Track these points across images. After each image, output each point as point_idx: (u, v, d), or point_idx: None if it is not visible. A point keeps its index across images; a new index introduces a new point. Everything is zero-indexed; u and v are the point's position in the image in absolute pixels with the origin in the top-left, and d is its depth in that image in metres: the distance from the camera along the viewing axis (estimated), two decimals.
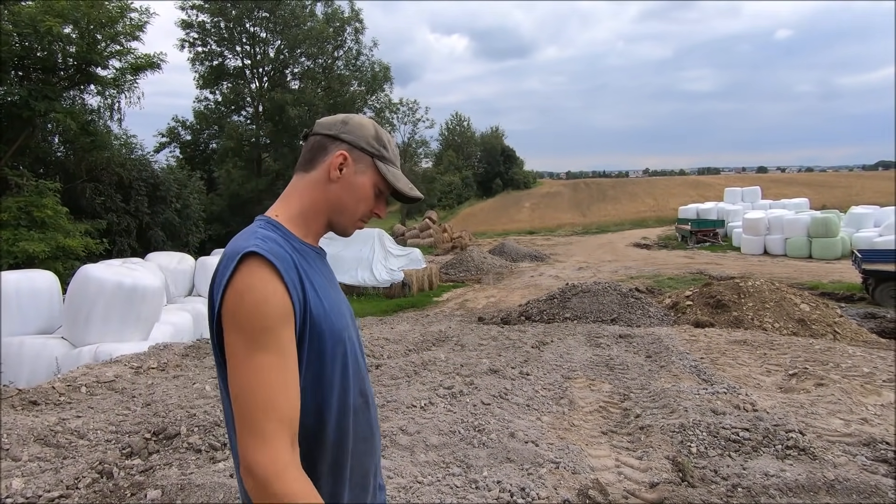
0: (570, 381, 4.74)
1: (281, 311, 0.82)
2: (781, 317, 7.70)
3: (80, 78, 12.92)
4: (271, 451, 0.77)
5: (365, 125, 1.00)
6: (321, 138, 0.99)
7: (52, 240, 10.10)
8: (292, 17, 23.57)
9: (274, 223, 0.94)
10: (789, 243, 17.91)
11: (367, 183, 0.99)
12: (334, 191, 0.97)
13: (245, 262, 0.82)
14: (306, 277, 0.88)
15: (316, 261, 0.96)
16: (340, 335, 0.91)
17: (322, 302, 0.89)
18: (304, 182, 0.99)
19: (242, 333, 0.80)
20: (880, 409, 3.95)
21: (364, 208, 1.00)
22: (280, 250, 0.86)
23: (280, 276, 0.83)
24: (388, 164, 1.01)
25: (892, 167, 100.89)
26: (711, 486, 2.72)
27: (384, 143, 1.01)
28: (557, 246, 23.71)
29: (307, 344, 0.86)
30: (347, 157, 0.97)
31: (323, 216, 0.98)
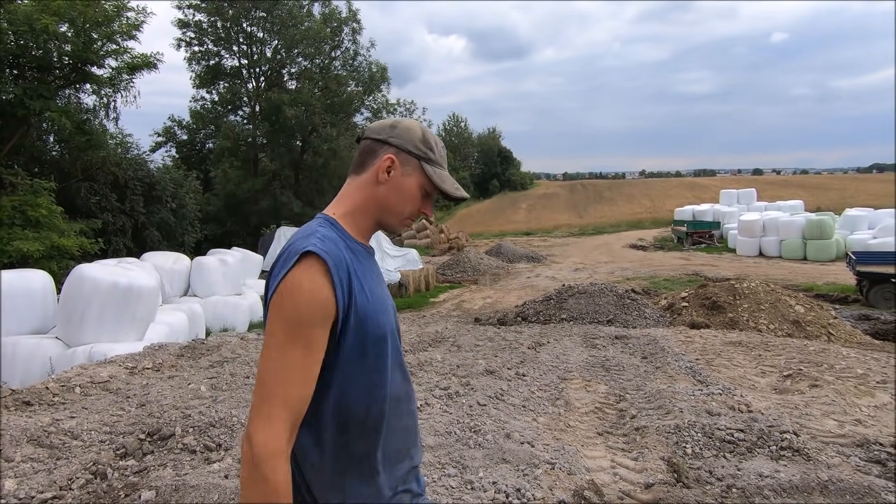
0: (566, 382, 4.74)
1: (322, 310, 0.89)
2: (776, 318, 7.74)
3: (75, 77, 12.87)
4: (272, 433, 0.85)
5: (412, 129, 1.06)
6: (371, 142, 1.05)
7: (47, 239, 10.04)
8: (289, 17, 23.54)
9: (332, 221, 1.02)
10: (784, 245, 18.00)
11: (413, 184, 1.05)
12: (382, 192, 1.04)
13: (302, 260, 0.90)
14: (355, 276, 0.95)
15: (365, 259, 1.03)
16: (384, 330, 0.98)
17: (369, 299, 0.96)
18: (356, 184, 1.06)
19: (283, 323, 0.88)
20: (874, 411, 3.97)
21: (411, 208, 1.06)
22: (335, 250, 0.93)
23: (330, 277, 0.90)
24: (435, 165, 1.06)
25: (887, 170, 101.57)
26: (706, 487, 2.73)
27: (431, 145, 1.06)
28: (554, 247, 23.75)
29: (353, 338, 0.93)
30: (395, 159, 1.03)
31: (372, 215, 1.05)
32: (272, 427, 0.85)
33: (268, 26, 24.09)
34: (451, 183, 1.07)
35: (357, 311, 0.93)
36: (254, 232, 21.37)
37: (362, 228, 1.06)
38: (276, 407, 0.86)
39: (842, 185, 44.92)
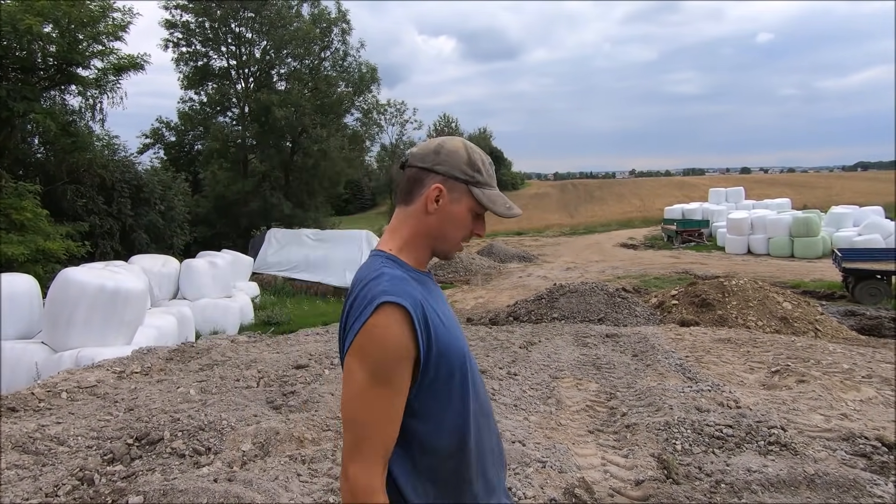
0: (557, 380, 4.76)
1: (405, 352, 0.91)
2: (764, 315, 7.83)
3: (60, 78, 12.70)
4: (370, 471, 0.90)
5: (457, 152, 1.03)
6: (417, 171, 1.04)
7: (32, 242, 9.89)
8: (278, 17, 23.39)
9: (392, 258, 1.02)
10: (772, 243, 18.21)
11: (463, 210, 1.03)
12: (434, 222, 1.03)
13: (381, 307, 0.91)
14: (430, 308, 0.96)
15: (431, 286, 1.04)
16: (462, 355, 0.99)
17: (446, 328, 0.97)
18: (406, 214, 1.05)
19: (367, 368, 0.90)
20: (859, 405, 4.03)
21: (463, 233, 1.06)
22: (408, 290, 0.94)
23: (410, 321, 0.91)
24: (483, 187, 1.04)
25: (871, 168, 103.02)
26: (695, 483, 2.76)
27: (477, 167, 1.04)
28: (545, 247, 23.83)
29: (437, 371, 0.94)
30: (443, 189, 1.02)
31: (426, 245, 1.05)
32: (370, 467, 0.90)
33: (256, 27, 23.92)
34: (503, 202, 1.05)
35: (439, 343, 0.94)
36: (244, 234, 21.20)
37: (420, 259, 1.06)
38: (371, 446, 0.90)
39: (827, 184, 45.55)
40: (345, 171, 25.51)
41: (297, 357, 5.70)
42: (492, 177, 1.07)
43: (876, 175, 62.17)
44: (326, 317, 10.46)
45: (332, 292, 13.17)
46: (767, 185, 44.01)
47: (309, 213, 23.62)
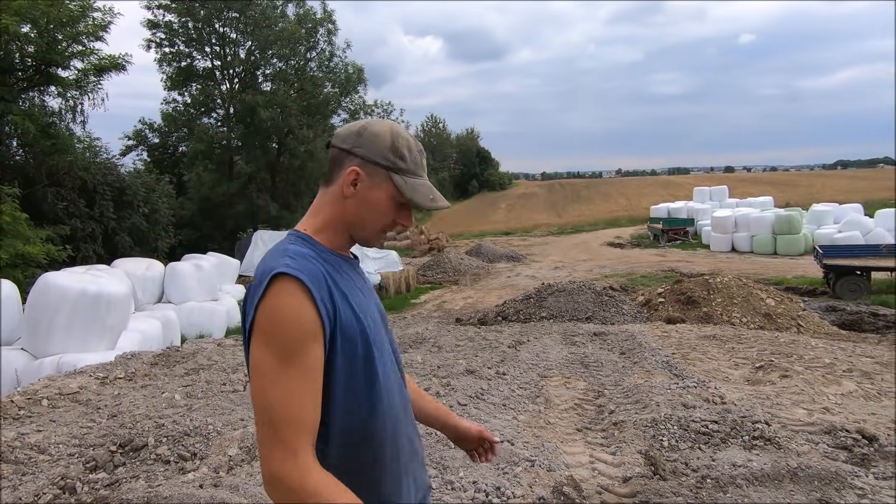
0: (545, 379, 4.78)
1: (310, 328, 0.85)
2: (748, 311, 7.94)
3: (39, 79, 12.46)
4: (299, 460, 0.82)
5: (380, 135, 0.97)
6: (338, 152, 0.99)
7: (11, 247, 9.67)
8: (263, 17, 23.19)
9: (304, 236, 0.97)
10: (755, 240, 18.50)
11: (382, 197, 0.98)
12: (351, 206, 0.98)
13: (275, 282, 0.85)
14: (336, 288, 0.91)
15: (347, 269, 0.99)
16: (373, 342, 0.94)
17: (353, 310, 0.92)
18: (326, 196, 1.01)
19: (272, 349, 0.84)
20: (840, 398, 4.11)
21: (384, 222, 1.00)
22: (311, 265, 0.89)
23: (310, 294, 0.85)
24: (406, 175, 0.98)
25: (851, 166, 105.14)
26: (682, 479, 2.79)
27: (401, 153, 0.98)
28: (533, 246, 23.94)
29: (340, 352, 0.89)
30: (360, 172, 0.96)
31: (344, 230, 1.00)
32: (297, 456, 0.82)
33: (241, 27, 23.69)
34: (425, 193, 0.99)
35: (343, 325, 0.89)
36: (230, 236, 20.96)
37: (337, 243, 1.01)
38: (292, 434, 0.82)
39: (808, 182, 46.44)
40: None
41: None
42: (418, 165, 1.00)
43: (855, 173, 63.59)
44: None
45: None
46: (750, 184, 44.72)
47: (296, 215, 23.43)
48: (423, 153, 1.02)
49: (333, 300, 0.89)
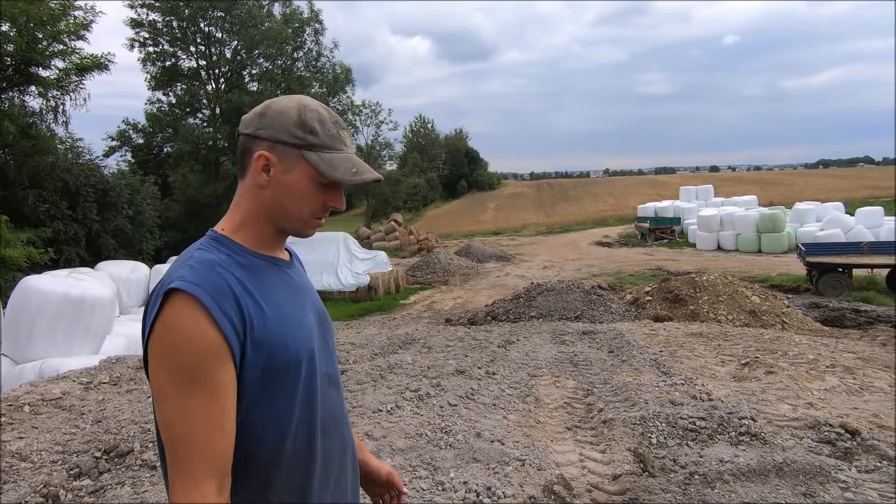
0: (535, 378, 4.80)
1: (210, 349, 0.76)
2: (734, 309, 8.06)
3: (19, 78, 12.22)
4: (204, 494, 0.74)
5: (285, 112, 0.87)
6: (244, 139, 0.89)
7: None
8: (249, 17, 23.00)
9: (218, 238, 0.88)
10: (740, 239, 18.77)
11: (300, 179, 0.87)
12: (269, 196, 0.88)
13: (168, 299, 0.76)
14: (249, 296, 0.81)
15: (271, 274, 0.89)
16: (296, 354, 0.84)
17: (271, 319, 0.82)
18: (242, 189, 0.91)
19: (170, 375, 0.75)
20: (824, 394, 4.18)
21: (310, 207, 0.89)
22: (213, 276, 0.79)
23: (207, 311, 0.76)
24: (321, 150, 0.87)
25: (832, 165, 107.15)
26: (670, 475, 2.81)
27: (310, 127, 0.86)
28: (522, 246, 24.04)
29: (255, 368, 0.80)
30: (269, 156, 0.86)
31: (268, 223, 0.90)
32: (200, 491, 0.74)
33: (227, 26, 23.46)
34: (347, 167, 0.87)
35: (255, 336, 0.80)
36: None
37: (263, 239, 0.90)
38: (196, 466, 0.74)
39: (791, 181, 47.21)
40: None
41: None
42: (334, 137, 0.89)
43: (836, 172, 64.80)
44: None
45: None
46: (735, 183, 45.35)
47: None
48: (339, 123, 0.91)
49: (244, 312, 0.79)
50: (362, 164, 0.90)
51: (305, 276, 1.01)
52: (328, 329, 0.99)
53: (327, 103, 10.08)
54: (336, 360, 1.00)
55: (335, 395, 0.95)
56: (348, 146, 0.91)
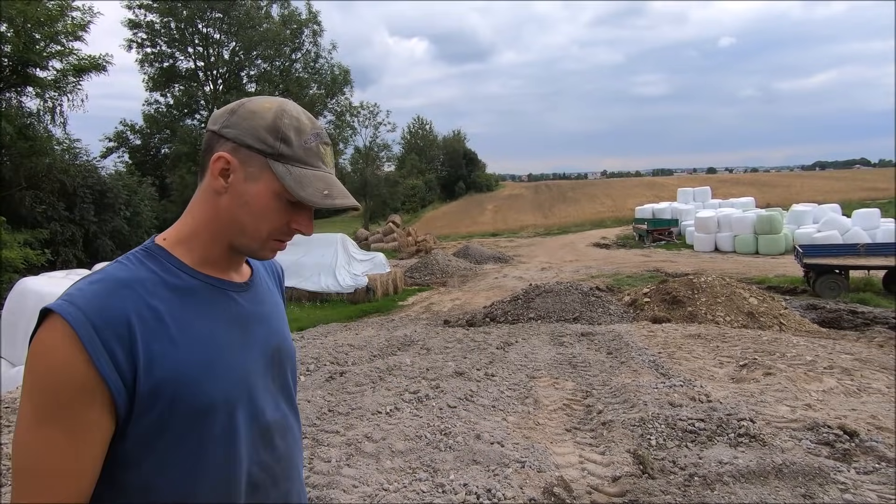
0: (534, 380, 4.80)
1: (77, 382, 0.65)
2: (732, 310, 8.07)
3: (16, 79, 12.19)
4: None
5: (258, 112, 0.75)
6: (208, 135, 0.78)
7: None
8: (247, 18, 23.00)
9: (153, 251, 0.76)
10: (737, 240, 18.82)
11: (262, 192, 0.75)
12: (225, 204, 0.75)
13: (46, 320, 0.67)
14: (161, 330, 0.70)
15: (208, 300, 0.76)
16: (210, 399, 0.71)
17: (183, 359, 0.70)
18: (197, 195, 0.79)
19: (30, 400, 0.67)
20: (822, 395, 4.19)
21: (269, 225, 0.76)
22: (108, 302, 0.68)
23: (81, 344, 0.65)
24: (291, 162, 0.75)
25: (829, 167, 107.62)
26: (670, 477, 2.81)
27: (283, 134, 0.75)
28: (520, 247, 24.06)
29: (150, 414, 0.69)
30: (230, 159, 0.74)
31: (220, 238, 0.77)
32: None
33: (224, 27, 23.46)
34: (318, 187, 0.75)
35: (154, 376, 0.68)
36: None
37: (210, 256, 0.78)
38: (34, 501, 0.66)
39: (788, 182, 47.39)
40: None
41: None
42: (311, 151, 0.76)
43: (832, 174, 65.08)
44: (301, 322, 10.30)
45: (308, 297, 12.99)
46: (732, 185, 45.51)
47: None
48: (320, 137, 0.78)
49: (136, 348, 0.68)
50: (339, 188, 0.78)
51: (268, 301, 0.87)
52: (283, 366, 0.85)
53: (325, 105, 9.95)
54: (290, 401, 0.86)
55: (279, 446, 0.81)
56: (327, 164, 0.79)
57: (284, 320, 0.91)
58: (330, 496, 2.63)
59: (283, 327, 0.88)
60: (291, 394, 0.87)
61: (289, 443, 0.84)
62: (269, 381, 0.81)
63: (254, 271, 0.87)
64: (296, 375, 0.91)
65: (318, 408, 4.03)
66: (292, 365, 0.89)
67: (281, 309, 0.91)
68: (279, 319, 0.88)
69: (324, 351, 6.17)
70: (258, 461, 0.78)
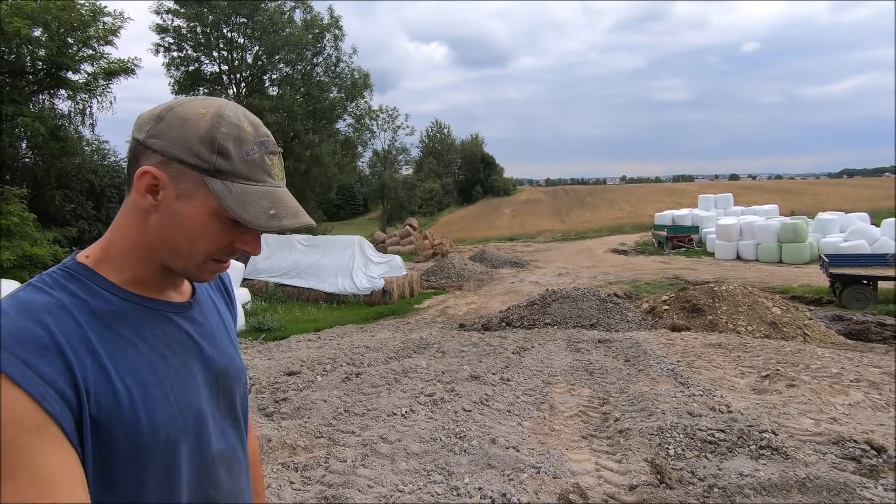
0: (550, 386, 4.77)
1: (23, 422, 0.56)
2: (754, 320, 7.91)
3: (49, 82, 12.61)
4: None
5: (190, 120, 0.65)
6: (133, 144, 0.67)
7: (18, 248, 9.76)
8: (270, 22, 23.41)
9: (75, 270, 0.67)
10: (760, 248, 18.44)
11: (198, 211, 0.65)
12: (154, 224, 0.66)
13: None
14: (91, 359, 0.61)
15: (140, 324, 0.67)
16: (151, 438, 0.63)
17: (118, 395, 0.62)
18: (124, 209, 0.69)
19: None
20: (848, 409, 4.08)
21: (208, 247, 0.67)
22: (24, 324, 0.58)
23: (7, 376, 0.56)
24: (231, 178, 0.65)
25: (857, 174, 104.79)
26: (688, 488, 2.77)
27: (220, 146, 0.64)
28: (537, 252, 23.92)
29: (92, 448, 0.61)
30: (158, 175, 0.64)
31: (152, 259, 0.68)
32: None
33: (248, 32, 23.91)
34: (262, 206, 0.65)
35: (90, 412, 0.60)
36: None
37: (141, 276, 0.69)
38: None
39: (814, 190, 46.27)
40: (337, 176, 25.51)
41: (288, 363, 5.66)
42: (254, 164, 0.66)
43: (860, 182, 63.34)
44: (318, 323, 10.40)
45: (325, 298, 13.11)
46: (755, 192, 44.60)
47: None
48: (265, 146, 0.67)
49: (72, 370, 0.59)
50: (288, 204, 0.67)
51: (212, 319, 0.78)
52: (230, 390, 0.77)
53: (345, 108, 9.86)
54: (237, 428, 0.78)
55: (224, 481, 0.73)
56: (275, 177, 0.68)
57: (232, 337, 0.82)
58: (345, 495, 2.65)
59: (230, 346, 0.79)
60: (239, 419, 0.79)
61: (235, 474, 0.76)
62: (214, 407, 0.73)
63: (196, 288, 0.78)
64: (245, 398, 0.82)
65: (335, 408, 4.07)
66: (242, 387, 0.80)
67: (227, 323, 0.82)
68: (224, 338, 0.79)
69: (340, 352, 6.22)
70: (203, 498, 0.70)
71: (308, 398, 4.26)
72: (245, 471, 0.79)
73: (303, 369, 5.41)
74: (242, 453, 0.79)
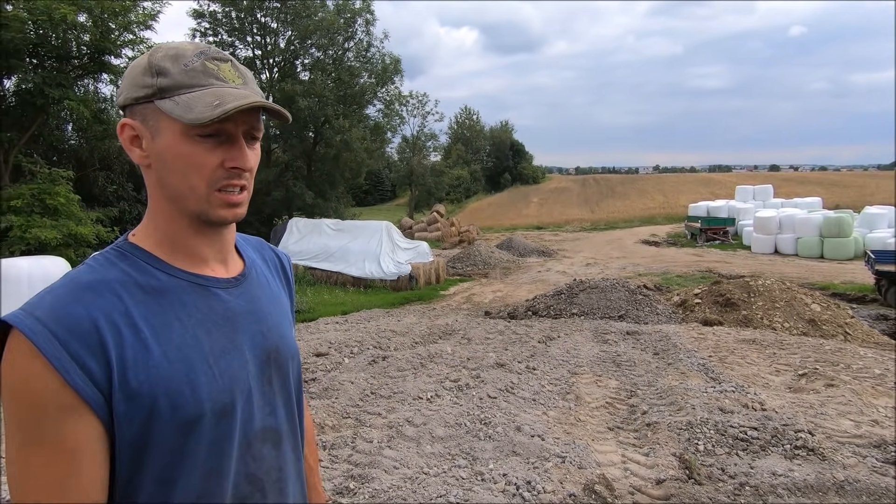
0: (576, 376, 4.73)
1: (49, 400, 0.60)
2: (791, 316, 7.63)
3: (93, 66, 13.02)
4: None
5: (136, 64, 0.69)
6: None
7: (64, 227, 10.21)
8: (303, 7, 23.53)
9: (125, 249, 0.70)
10: (801, 243, 17.71)
11: (171, 140, 0.66)
12: (156, 176, 0.69)
13: (7, 336, 0.61)
14: (133, 334, 0.63)
15: (188, 300, 0.69)
16: (196, 408, 0.65)
17: (161, 365, 0.64)
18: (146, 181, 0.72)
19: (11, 420, 0.61)
20: (891, 412, 3.90)
21: (201, 175, 0.67)
22: (70, 309, 0.62)
23: (43, 356, 0.59)
24: (174, 93, 0.66)
25: None
26: (718, 485, 2.71)
27: (159, 67, 0.66)
28: (565, 242, 23.61)
29: (131, 425, 0.63)
30: (132, 123, 0.68)
31: (174, 214, 0.70)
32: None
33: (282, 17, 24.11)
34: (207, 102, 0.65)
35: (130, 384, 0.62)
36: (266, 222, 21.55)
37: (177, 238, 0.71)
38: None
39: (861, 183, 43.99)
40: (366, 161, 25.66)
41: (317, 345, 5.78)
42: (195, 71, 0.67)
43: None
44: (346, 306, 10.57)
45: (352, 282, 13.30)
46: (797, 184, 42.72)
47: (330, 203, 23.89)
48: (206, 54, 0.69)
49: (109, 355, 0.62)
50: (234, 92, 0.66)
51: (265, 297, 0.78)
52: (283, 368, 0.77)
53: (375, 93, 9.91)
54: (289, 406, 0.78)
55: (269, 456, 0.74)
56: (226, 80, 0.68)
57: (287, 316, 0.82)
58: (372, 475, 2.70)
59: (284, 325, 0.79)
60: (291, 397, 0.79)
61: (282, 451, 0.75)
62: (265, 384, 0.74)
63: (248, 264, 0.79)
64: (299, 378, 0.82)
65: (361, 389, 4.14)
66: (296, 366, 0.80)
67: (283, 304, 0.82)
68: (278, 316, 0.79)
69: (367, 335, 6.31)
70: (246, 474, 0.71)
71: (336, 379, 4.35)
72: (294, 448, 0.79)
73: (331, 351, 5.52)
74: (291, 431, 0.78)
